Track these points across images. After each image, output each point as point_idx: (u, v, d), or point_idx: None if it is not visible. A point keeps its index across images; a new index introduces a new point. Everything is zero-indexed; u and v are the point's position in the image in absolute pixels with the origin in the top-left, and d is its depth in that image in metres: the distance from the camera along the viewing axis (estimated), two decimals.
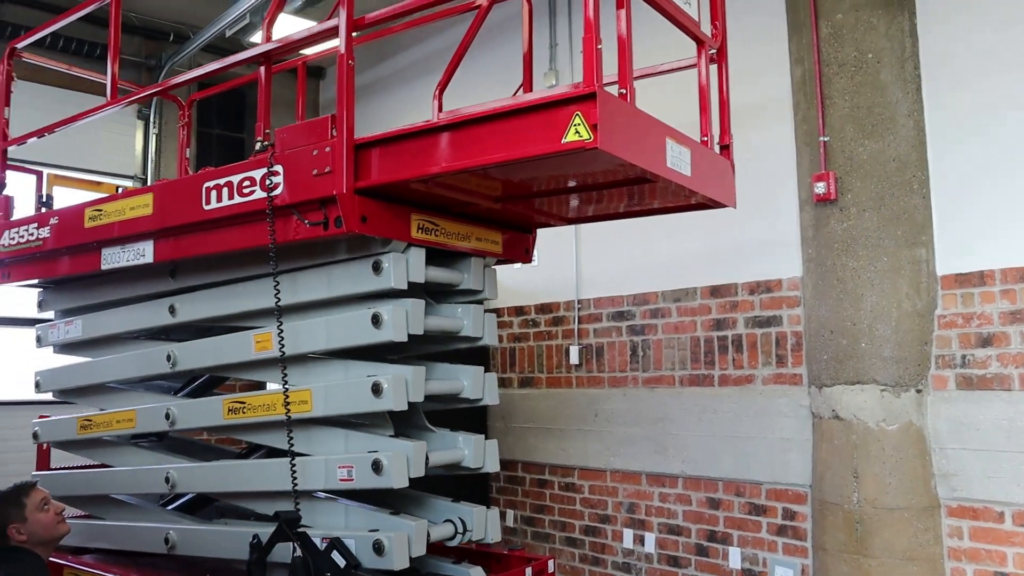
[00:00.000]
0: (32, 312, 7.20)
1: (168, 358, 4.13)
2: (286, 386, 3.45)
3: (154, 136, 8.61)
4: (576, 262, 6.71)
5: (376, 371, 3.39)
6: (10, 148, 4.93)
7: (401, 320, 3.32)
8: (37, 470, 5.09)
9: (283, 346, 3.43)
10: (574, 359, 6.63)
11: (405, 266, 3.38)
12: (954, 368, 4.70)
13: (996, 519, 4.49)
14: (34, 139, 4.92)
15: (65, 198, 5.04)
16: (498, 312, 7.31)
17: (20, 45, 4.96)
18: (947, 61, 4.82)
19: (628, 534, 6.19)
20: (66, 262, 4.49)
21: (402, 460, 3.28)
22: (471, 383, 3.71)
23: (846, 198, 4.89)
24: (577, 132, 2.61)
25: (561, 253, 6.79)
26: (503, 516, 7.06)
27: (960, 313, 4.71)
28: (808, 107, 5.15)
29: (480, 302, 3.83)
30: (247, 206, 3.40)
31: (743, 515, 5.55)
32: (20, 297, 6.98)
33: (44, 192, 4.98)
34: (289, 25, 6.57)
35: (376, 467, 3.27)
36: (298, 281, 3.59)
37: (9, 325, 7.51)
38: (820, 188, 4.95)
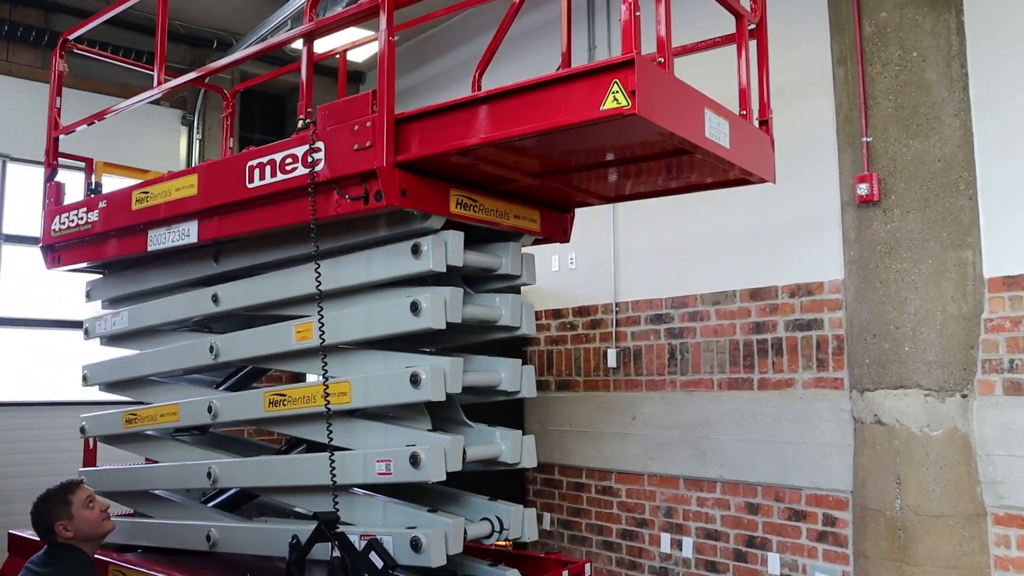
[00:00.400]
0: (78, 315, 7.41)
1: (211, 349, 4.19)
2: (325, 372, 3.48)
3: (197, 141, 8.76)
4: (614, 264, 6.69)
5: (414, 362, 3.40)
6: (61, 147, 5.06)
7: (440, 308, 3.32)
8: (84, 467, 5.19)
9: (323, 332, 3.46)
10: (612, 362, 6.60)
11: (444, 249, 3.37)
12: (1001, 373, 4.59)
13: None
14: (83, 141, 5.03)
15: (114, 185, 5.16)
16: (536, 315, 7.30)
17: (72, 36, 5.07)
18: (996, 59, 4.72)
19: (665, 538, 6.14)
20: (114, 244, 4.57)
21: (439, 454, 3.27)
22: (509, 375, 3.70)
23: (889, 199, 4.81)
24: (615, 99, 2.60)
25: (599, 255, 6.77)
26: (540, 519, 7.05)
27: (1008, 316, 4.60)
28: (851, 107, 5.07)
29: (517, 289, 3.81)
30: (289, 183, 3.44)
31: (783, 520, 5.48)
32: (67, 300, 7.17)
33: (93, 180, 5.07)
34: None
35: (414, 460, 3.27)
36: (338, 266, 3.60)
37: (55, 327, 7.68)
38: (863, 189, 4.88)
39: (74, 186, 5.16)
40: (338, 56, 5.80)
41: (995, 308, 4.65)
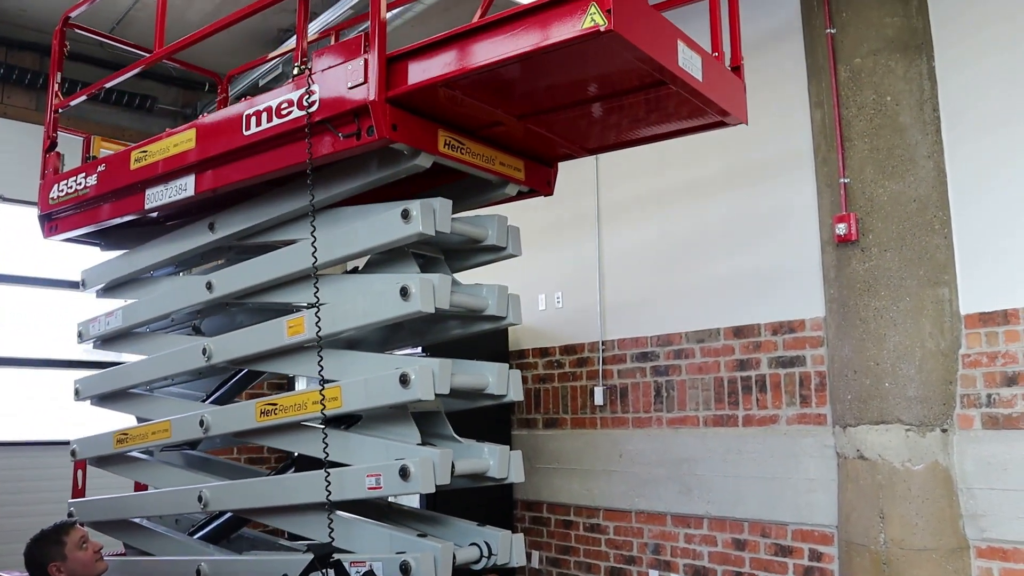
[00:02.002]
0: (63, 354, 7.42)
1: (204, 352, 4.21)
2: (320, 366, 3.51)
3: None
4: (600, 303, 6.78)
5: (404, 364, 3.46)
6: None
7: (428, 292, 3.39)
8: (72, 498, 5.20)
9: (319, 317, 3.50)
10: (599, 400, 6.66)
11: (432, 215, 3.46)
12: (980, 407, 4.68)
13: None
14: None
15: None
16: (523, 353, 7.39)
17: (73, 14, 5.16)
18: (967, 104, 4.88)
19: (654, 575, 6.16)
20: (111, 207, 4.59)
21: (429, 466, 3.32)
22: (496, 379, 3.75)
23: (867, 239, 4.94)
24: (592, 19, 2.77)
25: (585, 295, 6.87)
26: (528, 557, 7.05)
27: (985, 352, 4.71)
28: (828, 149, 5.22)
29: (507, 302, 3.87)
30: (285, 126, 3.53)
31: (769, 556, 5.52)
32: (59, 340, 7.20)
33: (91, 154, 5.11)
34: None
35: (403, 473, 3.30)
36: (333, 236, 3.68)
37: (48, 367, 7.69)
38: (841, 229, 5.00)
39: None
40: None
41: (972, 344, 4.75)
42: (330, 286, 3.72)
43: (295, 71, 3.58)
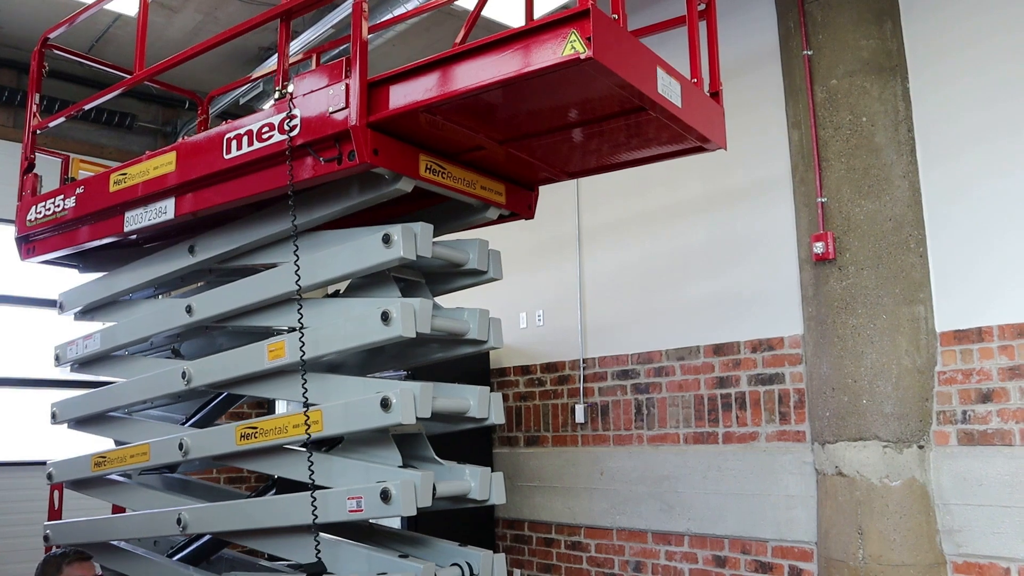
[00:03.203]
0: (39, 373, 7.34)
1: (183, 375, 4.19)
2: (304, 387, 3.49)
3: None
4: (581, 321, 6.81)
5: (385, 388, 3.46)
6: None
7: (409, 317, 3.40)
8: (49, 520, 5.13)
9: (302, 342, 3.50)
10: (580, 418, 6.68)
11: (414, 238, 3.47)
12: (955, 424, 4.74)
13: (1002, 575, 4.49)
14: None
15: None
16: (504, 371, 7.40)
17: (52, 35, 5.14)
18: (940, 124, 4.97)
19: None
20: (89, 229, 4.56)
21: (410, 489, 3.32)
22: (477, 402, 3.76)
23: (844, 257, 5.00)
24: (573, 47, 2.80)
25: (566, 313, 6.89)
26: (511, 575, 7.03)
27: (960, 369, 4.77)
28: (806, 169, 5.29)
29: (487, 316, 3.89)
30: (266, 150, 3.54)
31: (749, 572, 5.54)
32: (37, 360, 7.12)
33: (69, 175, 5.07)
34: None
35: (385, 496, 3.31)
36: (314, 260, 3.67)
37: (15, 386, 7.60)
38: (819, 248, 5.07)
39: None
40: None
41: (947, 361, 4.82)
42: (311, 310, 3.72)
43: (276, 95, 3.59)
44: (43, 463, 5.06)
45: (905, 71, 5.11)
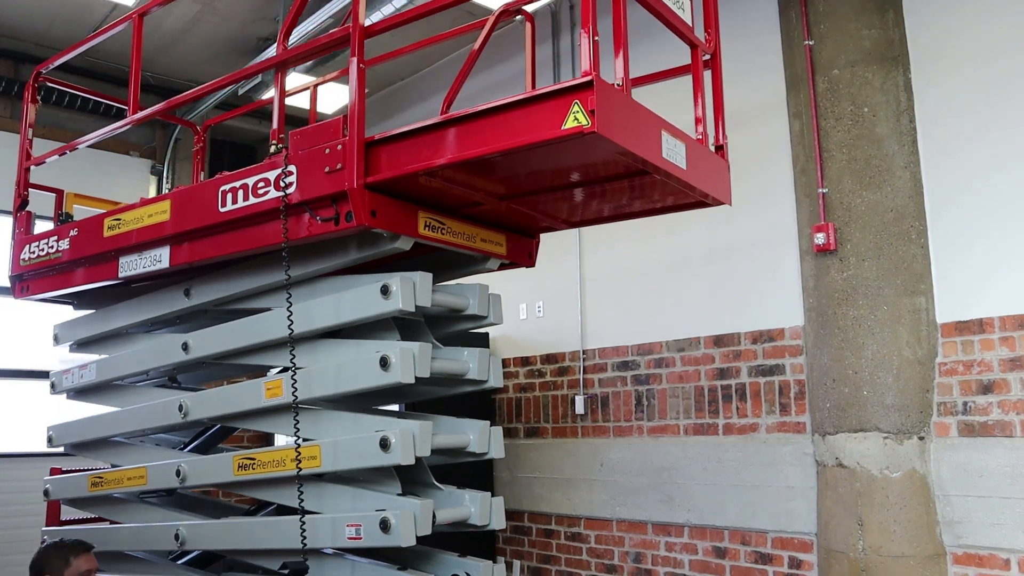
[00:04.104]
0: (45, 365, 7.31)
1: (180, 408, 4.18)
2: (297, 427, 3.49)
3: (167, 188, 8.79)
4: (581, 313, 6.79)
5: (384, 426, 3.44)
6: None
7: (409, 362, 3.38)
8: (47, 525, 5.10)
9: (295, 386, 3.48)
10: (579, 409, 6.67)
11: (413, 289, 3.44)
12: (956, 415, 4.74)
13: (1002, 566, 4.49)
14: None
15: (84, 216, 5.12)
16: (504, 363, 7.38)
17: (44, 69, 5.11)
18: (942, 115, 4.95)
19: None
20: (84, 272, 4.55)
21: (410, 519, 3.32)
22: (477, 437, 3.75)
23: (845, 248, 4.99)
24: (576, 119, 2.73)
25: (566, 304, 6.88)
26: (510, 567, 7.03)
27: (960, 360, 4.76)
28: (807, 159, 5.27)
29: (485, 338, 3.86)
30: (261, 206, 3.50)
31: (749, 564, 5.54)
32: (34, 350, 7.11)
33: (64, 211, 5.07)
34: (297, 81, 6.76)
35: (384, 526, 3.31)
36: (310, 307, 3.65)
37: (18, 377, 7.59)
38: (820, 239, 5.05)
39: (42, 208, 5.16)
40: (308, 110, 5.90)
41: (948, 352, 4.81)
42: (309, 352, 3.69)
43: (272, 149, 3.54)
44: (42, 455, 5.04)
45: (907, 61, 5.09)
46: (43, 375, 7.25)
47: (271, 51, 6.76)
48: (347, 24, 3.45)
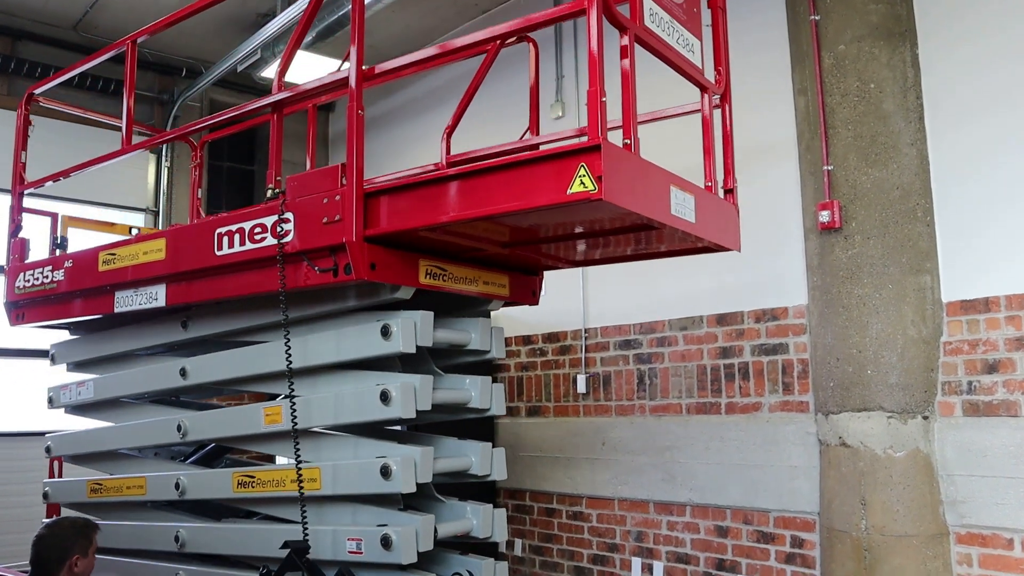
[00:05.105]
0: (41, 344, 7.30)
1: (179, 428, 4.19)
2: (298, 457, 3.48)
3: (166, 169, 8.73)
4: (583, 291, 6.76)
5: (385, 451, 3.44)
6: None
7: (410, 397, 3.37)
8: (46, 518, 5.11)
9: (295, 416, 3.47)
10: (581, 388, 6.65)
11: (414, 329, 3.40)
12: (960, 394, 4.70)
13: (1005, 546, 4.48)
14: (49, 172, 5.01)
15: (79, 239, 5.13)
16: (506, 341, 7.34)
17: (38, 91, 5.07)
18: (950, 91, 4.88)
19: (636, 563, 6.17)
20: (79, 304, 4.55)
21: (411, 536, 3.31)
22: (480, 459, 3.76)
23: (850, 226, 4.93)
24: (582, 183, 2.64)
25: (568, 283, 6.83)
26: (511, 545, 7.05)
27: (966, 340, 4.73)
28: (812, 137, 5.21)
29: (486, 365, 3.87)
30: (258, 252, 3.46)
31: (752, 543, 5.54)
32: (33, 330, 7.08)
33: (59, 234, 5.05)
34: (301, 62, 6.68)
35: (385, 543, 3.31)
36: (308, 345, 3.63)
37: (17, 356, 7.57)
38: (824, 216, 5.00)
39: (37, 229, 5.14)
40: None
41: (953, 331, 4.77)
42: (309, 384, 3.67)
43: (269, 194, 3.49)
44: (41, 434, 5.04)
45: (915, 36, 5.01)
46: (43, 353, 7.27)
47: (270, 26, 6.69)
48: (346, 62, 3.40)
